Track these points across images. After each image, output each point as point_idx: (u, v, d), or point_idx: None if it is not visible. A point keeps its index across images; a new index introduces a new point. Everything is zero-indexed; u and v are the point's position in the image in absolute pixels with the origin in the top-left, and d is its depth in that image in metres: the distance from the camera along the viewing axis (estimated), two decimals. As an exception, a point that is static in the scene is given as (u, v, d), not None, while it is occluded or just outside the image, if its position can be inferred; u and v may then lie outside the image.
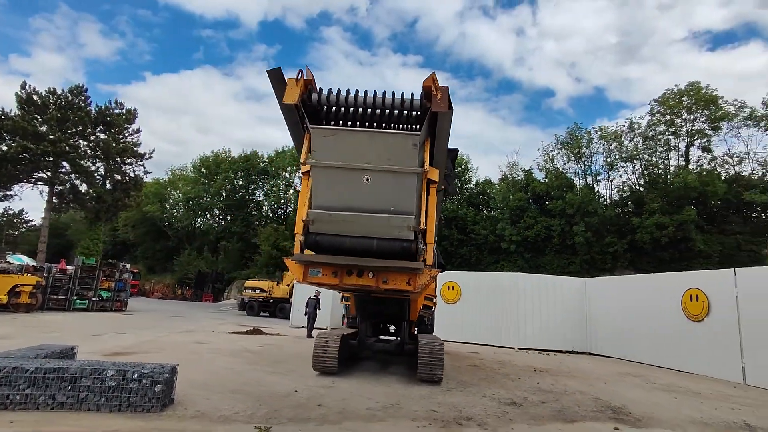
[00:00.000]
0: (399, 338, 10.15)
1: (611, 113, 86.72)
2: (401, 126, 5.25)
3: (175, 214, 60.02)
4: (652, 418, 6.53)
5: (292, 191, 52.90)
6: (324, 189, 5.25)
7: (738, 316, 10.96)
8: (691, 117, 28.15)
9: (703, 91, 28.12)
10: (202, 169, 57.76)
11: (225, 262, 50.10)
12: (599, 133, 32.04)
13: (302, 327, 20.49)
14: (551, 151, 33.94)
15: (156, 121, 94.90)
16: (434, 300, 12.52)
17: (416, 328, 10.94)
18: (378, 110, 5.11)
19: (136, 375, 5.13)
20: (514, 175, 35.56)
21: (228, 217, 57.11)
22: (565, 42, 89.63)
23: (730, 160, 27.68)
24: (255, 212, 56.42)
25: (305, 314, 16.62)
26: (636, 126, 30.71)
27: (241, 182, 56.37)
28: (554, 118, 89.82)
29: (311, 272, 5.60)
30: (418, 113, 5.17)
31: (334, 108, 5.19)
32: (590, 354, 15.96)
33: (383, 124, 5.19)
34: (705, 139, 27.65)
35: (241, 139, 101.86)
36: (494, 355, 13.44)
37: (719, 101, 27.03)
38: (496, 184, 37.44)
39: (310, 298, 16.84)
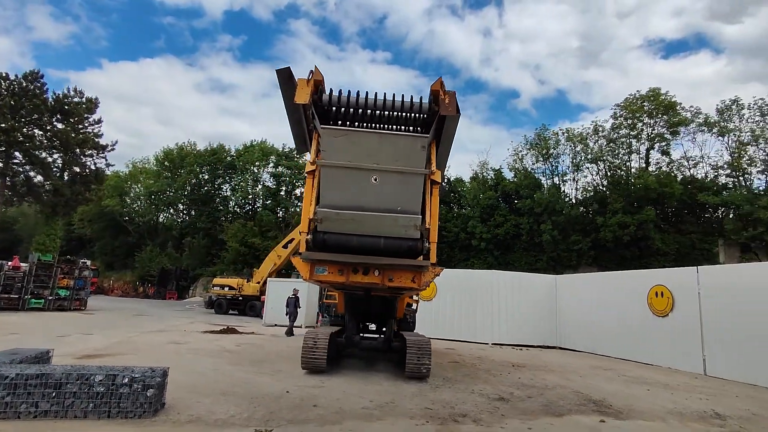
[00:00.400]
0: (383, 336, 10.24)
1: (572, 115, 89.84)
2: (407, 128, 5.28)
3: (136, 208, 57.63)
4: (633, 410, 6.85)
5: (260, 187, 51.85)
6: (332, 188, 5.23)
7: (700, 312, 11.65)
8: (652, 122, 29.60)
9: (662, 97, 29.59)
10: (166, 162, 55.66)
11: (190, 258, 48.56)
12: (566, 134, 33.19)
13: (276, 325, 20.27)
14: (520, 151, 34.82)
15: (113, 110, 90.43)
16: (416, 298, 12.62)
17: (397, 326, 11.03)
18: (387, 112, 5.09)
19: (126, 379, 4.91)
20: (484, 174, 36.27)
21: (193, 212, 55.32)
22: (529, 44, 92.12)
23: (686, 164, 29.34)
24: (221, 208, 54.88)
25: (286, 314, 16.41)
26: (600, 129, 31.99)
27: (206, 176, 54.67)
28: (518, 118, 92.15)
29: (317, 270, 5.55)
30: (425, 116, 5.21)
31: (343, 109, 5.15)
32: (560, 348, 16.54)
33: (391, 126, 5.19)
34: (664, 143, 29.17)
35: (205, 131, 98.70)
36: (471, 351, 13.70)
37: (677, 107, 28.56)
38: (467, 183, 38.06)
39: (289, 297, 16.65)
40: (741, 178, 27.67)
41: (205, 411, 5.30)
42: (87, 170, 26.88)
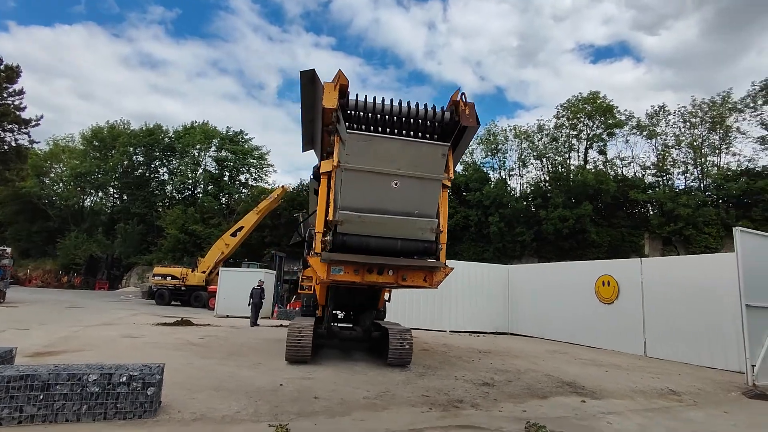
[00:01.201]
0: (356, 326, 10.34)
1: (509, 112, 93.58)
2: (424, 135, 5.41)
3: (58, 190, 52.52)
4: (603, 389, 7.44)
5: (201, 171, 49.23)
6: (354, 191, 5.30)
7: (642, 299, 12.81)
8: (591, 123, 31.74)
9: (600, 101, 31.80)
10: (94, 142, 51.20)
11: (123, 245, 45.16)
12: (513, 131, 34.69)
13: (228, 316, 19.59)
14: (471, 145, 35.89)
15: (23, 80, 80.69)
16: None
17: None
18: (411, 120, 5.32)
19: (124, 378, 4.56)
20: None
21: (125, 197, 51.44)
22: (472, 41, 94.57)
23: (619, 163, 31.85)
24: (158, 192, 51.54)
25: (249, 304, 15.93)
26: (544, 127, 33.78)
27: (141, 158, 51.01)
28: None
29: (333, 270, 5.57)
30: (443, 125, 5.36)
31: (370, 114, 5.30)
32: (512, 334, 17.48)
33: (408, 132, 5.38)
34: (601, 143, 31.43)
35: (133, 109, 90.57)
36: (435, 339, 14.10)
37: (614, 110, 30.85)
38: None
39: (254, 288, 16.19)
40: (665, 178, 30.56)
41: (206, 408, 5.05)
42: (6, 147, 23.89)
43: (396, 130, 5.41)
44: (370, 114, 5.35)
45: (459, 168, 36.04)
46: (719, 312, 10.64)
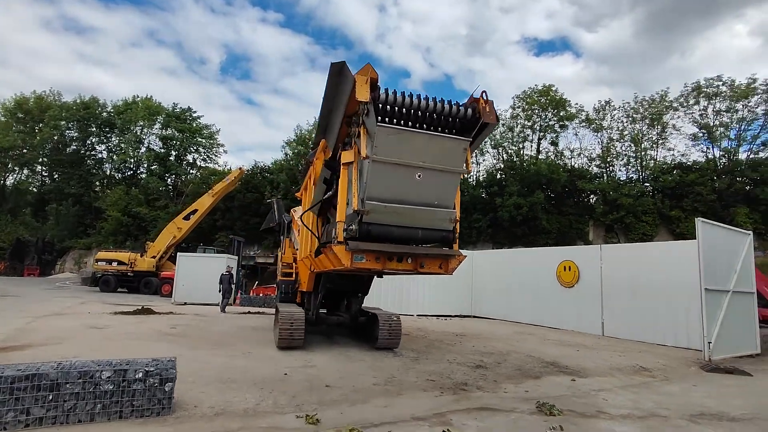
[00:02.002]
0: (342, 312, 10.36)
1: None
2: (444, 130, 5.72)
3: (-26, 166, 47.30)
4: (584, 368, 7.97)
5: (145, 149, 46.15)
6: (381, 182, 5.47)
7: (601, 283, 13.74)
8: (544, 115, 33.17)
9: (553, 94, 33.26)
10: (19, 114, 46.37)
11: (56, 228, 41.65)
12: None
13: (186, 303, 18.78)
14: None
15: None
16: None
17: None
18: (434, 115, 5.57)
19: (140, 374, 4.27)
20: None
21: (56, 175, 47.23)
22: (422, 26, 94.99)
23: (569, 153, 33.64)
24: (95, 171, 47.82)
25: (219, 290, 15.35)
26: (500, 117, 34.86)
27: (75, 134, 46.97)
28: None
29: (356, 258, 5.63)
30: (464, 121, 5.71)
31: (396, 109, 5.44)
32: (475, 317, 18.15)
33: (431, 127, 5.60)
34: (554, 134, 33.01)
35: (57, 78, 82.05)
36: (407, 323, 14.31)
37: (566, 104, 32.41)
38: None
39: (223, 274, 15.57)
40: (609, 169, 32.72)
41: (222, 401, 4.86)
42: None
43: (418, 125, 5.58)
44: (396, 108, 5.47)
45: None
46: (670, 295, 11.63)
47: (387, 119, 5.45)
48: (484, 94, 5.71)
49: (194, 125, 45.80)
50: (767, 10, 64.82)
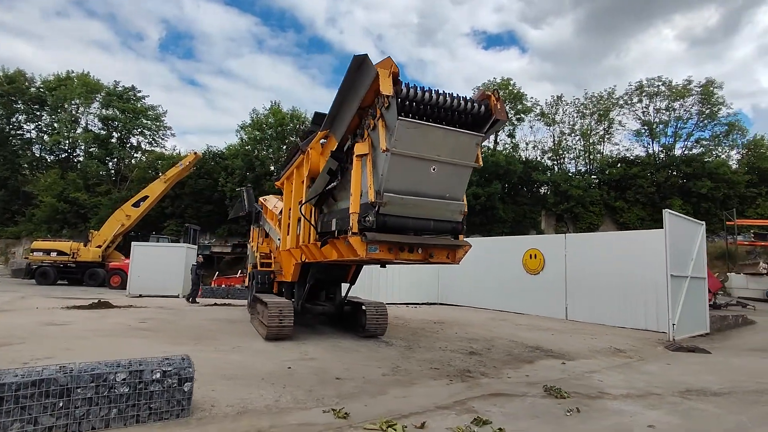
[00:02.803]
0: (325, 302, 10.37)
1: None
2: (456, 124, 5.85)
3: None
4: (567, 352, 8.37)
5: (82, 130, 42.58)
6: (398, 175, 5.55)
7: (565, 270, 14.46)
8: (501, 107, 34.10)
9: (510, 87, 34.27)
10: (-73, 85, 41.11)
11: (-24, 215, 37.66)
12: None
13: (141, 296, 17.72)
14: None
15: None
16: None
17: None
18: (450, 111, 5.69)
19: (157, 374, 3.96)
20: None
21: (-25, 156, 42.47)
22: (374, 12, 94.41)
23: (524, 146, 34.95)
24: (23, 152, 43.53)
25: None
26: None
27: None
28: None
29: (370, 248, 5.63)
30: (477, 117, 5.88)
31: (415, 104, 5.50)
32: (442, 304, 18.54)
33: (445, 122, 5.72)
34: (511, 127, 34.07)
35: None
36: (381, 312, 14.37)
37: (523, 98, 33.54)
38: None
39: (193, 264, 14.77)
40: (561, 161, 34.36)
41: (238, 399, 4.62)
42: None
43: (432, 119, 5.66)
44: (414, 103, 5.53)
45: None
46: (630, 281, 12.46)
47: (403, 113, 5.50)
48: (496, 92, 5.90)
49: (139, 105, 42.79)
50: (692, 17, 70.63)
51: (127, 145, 43.32)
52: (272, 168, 37.32)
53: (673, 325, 9.50)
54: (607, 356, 8.17)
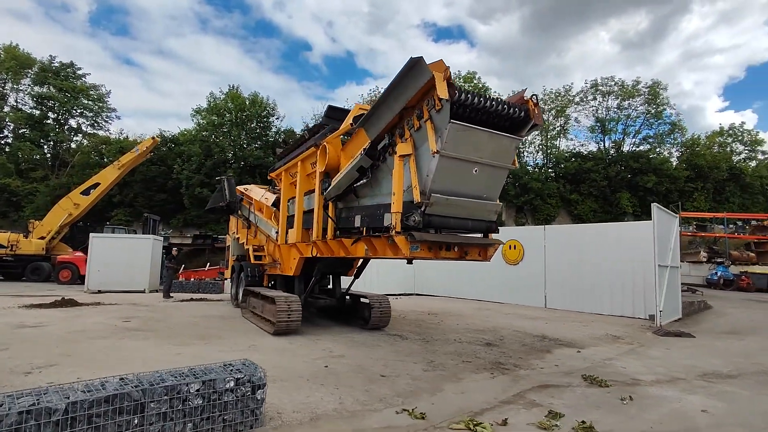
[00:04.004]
0: (321, 295, 10.60)
1: (359, 78, 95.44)
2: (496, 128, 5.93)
3: None
4: (573, 340, 8.66)
5: (10, 109, 38.43)
6: (445, 176, 5.64)
7: (544, 260, 15.00)
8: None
9: (476, 81, 34.84)
10: None
11: None
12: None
13: (100, 291, 16.40)
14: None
15: None
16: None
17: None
18: (493, 115, 5.78)
19: (230, 383, 3.61)
20: (318, 128, 35.98)
21: None
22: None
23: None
24: (-62, 132, 38.64)
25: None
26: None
27: None
28: (311, 72, 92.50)
29: (412, 248, 5.68)
30: (515, 121, 6.00)
31: (464, 108, 5.54)
32: (418, 294, 18.70)
33: (486, 125, 5.77)
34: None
35: None
36: (368, 304, 14.23)
37: (487, 92, 34.22)
38: (299, 134, 37.11)
39: (168, 256, 13.77)
40: (521, 155, 35.51)
41: (299, 404, 4.33)
42: None
43: (473, 122, 5.72)
44: (464, 107, 5.57)
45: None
46: (606, 270, 13.13)
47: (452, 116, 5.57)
48: (534, 97, 6.07)
49: (79, 84, 39.21)
50: (625, 21, 75.49)
51: (66, 127, 39.70)
52: (229, 155, 35.73)
53: (660, 311, 10.11)
54: (610, 343, 8.54)
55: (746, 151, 40.12)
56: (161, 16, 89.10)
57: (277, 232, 10.45)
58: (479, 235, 6.71)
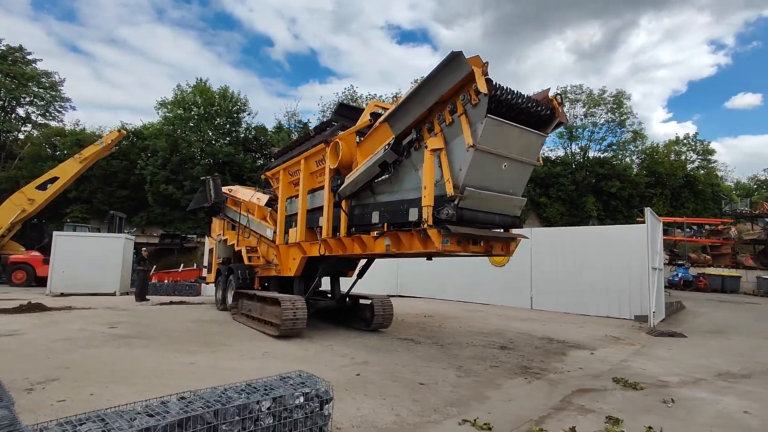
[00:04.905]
0: (319, 297, 10.55)
1: (321, 77, 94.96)
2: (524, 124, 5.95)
3: None
4: (579, 341, 8.76)
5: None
6: (478, 170, 5.64)
7: (531, 262, 15.24)
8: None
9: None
10: None
11: None
12: (369, 101, 35.53)
13: (62, 294, 15.23)
14: (328, 108, 35.34)
15: None
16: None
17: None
18: (522, 111, 5.78)
19: (299, 399, 3.28)
20: (291, 126, 35.28)
21: None
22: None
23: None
24: None
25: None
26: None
27: None
28: (272, 68, 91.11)
29: (443, 241, 5.65)
30: (541, 118, 6.04)
31: (498, 103, 5.49)
32: (401, 296, 18.57)
33: (516, 121, 5.80)
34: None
35: None
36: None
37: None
38: (270, 132, 36.17)
39: (139, 257, 12.90)
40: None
41: (353, 416, 4.03)
42: None
43: (503, 117, 5.71)
44: (498, 103, 5.54)
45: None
46: (593, 272, 13.50)
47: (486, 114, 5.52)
48: (558, 96, 6.13)
49: (28, 70, 36.43)
50: (580, 33, 79.17)
51: (13, 116, 36.78)
52: (197, 151, 34.24)
53: (653, 312, 10.45)
54: (614, 344, 8.70)
55: (698, 160, 42.90)
56: (112, 4, 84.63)
57: (274, 233, 9.99)
58: (500, 230, 6.67)
